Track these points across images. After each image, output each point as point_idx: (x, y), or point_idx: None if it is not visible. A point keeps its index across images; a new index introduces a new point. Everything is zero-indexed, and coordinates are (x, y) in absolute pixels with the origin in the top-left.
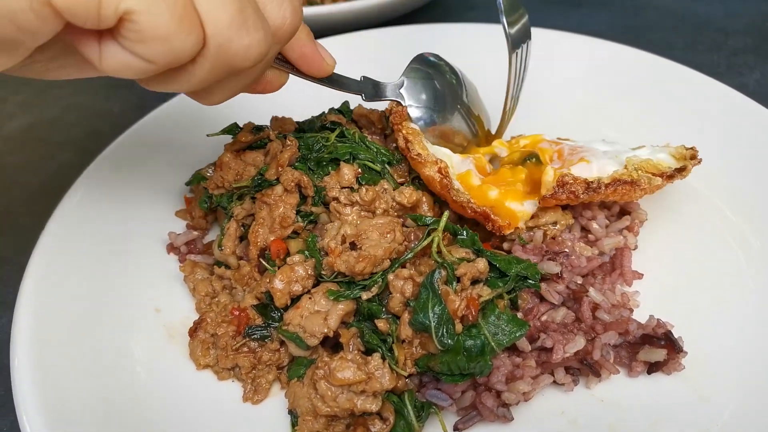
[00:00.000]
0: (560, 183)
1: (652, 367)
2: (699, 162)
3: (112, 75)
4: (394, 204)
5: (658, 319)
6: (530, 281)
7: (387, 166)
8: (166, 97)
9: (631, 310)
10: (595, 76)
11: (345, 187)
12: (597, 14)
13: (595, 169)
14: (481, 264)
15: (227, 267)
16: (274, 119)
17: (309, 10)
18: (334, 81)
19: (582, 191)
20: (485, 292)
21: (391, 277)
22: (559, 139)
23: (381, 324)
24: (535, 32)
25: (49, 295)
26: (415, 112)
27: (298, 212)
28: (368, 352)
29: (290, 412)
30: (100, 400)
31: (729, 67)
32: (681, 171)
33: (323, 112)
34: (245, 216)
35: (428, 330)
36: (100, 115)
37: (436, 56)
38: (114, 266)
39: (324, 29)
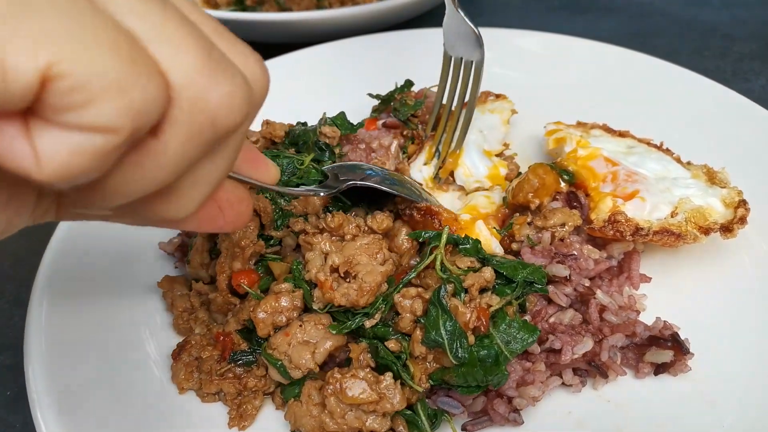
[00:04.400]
0: (612, 220)
1: (659, 369)
2: (745, 225)
3: (61, 182)
4: (366, 229)
5: (664, 321)
6: (537, 285)
7: None
8: None
9: (638, 312)
10: (601, 80)
11: (311, 215)
12: (603, 20)
13: (648, 207)
14: (488, 273)
15: (205, 282)
16: (265, 123)
17: (316, 14)
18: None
19: (629, 233)
20: (494, 301)
21: (398, 298)
22: (620, 134)
23: (392, 344)
24: (541, 36)
25: (61, 293)
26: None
27: (261, 236)
28: (379, 367)
29: None
30: (113, 396)
31: (735, 72)
32: (727, 231)
33: (319, 123)
34: None
35: (442, 346)
36: None
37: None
38: (125, 264)
39: (330, 33)
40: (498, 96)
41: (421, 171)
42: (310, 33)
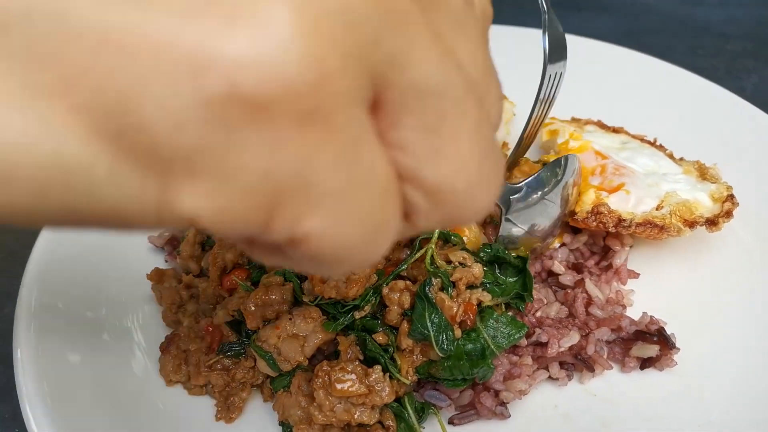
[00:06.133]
0: (594, 211)
1: (645, 363)
2: (731, 219)
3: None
4: None
5: (651, 316)
6: (525, 300)
7: None
8: None
9: (624, 307)
10: (596, 78)
11: None
12: (597, 18)
13: (633, 200)
14: (476, 269)
15: (195, 275)
16: None
17: None
18: None
19: (612, 225)
20: (486, 298)
21: (386, 290)
22: (614, 130)
23: (380, 337)
24: (535, 34)
25: (51, 285)
26: (508, 228)
27: None
28: (367, 359)
29: (281, 423)
30: (101, 387)
31: (728, 71)
32: (712, 224)
33: None
34: None
35: (428, 339)
36: None
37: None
38: (114, 256)
39: None
40: None
41: None
42: None
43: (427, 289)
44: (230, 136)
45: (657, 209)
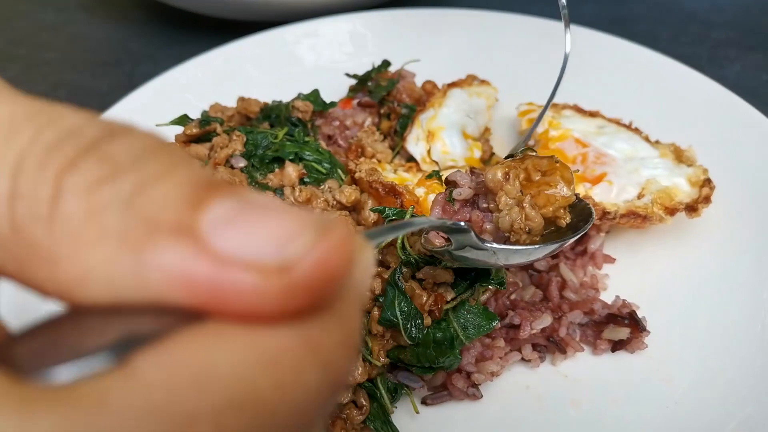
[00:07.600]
0: None
1: (616, 346)
2: (710, 204)
3: None
4: (335, 203)
5: (623, 300)
6: (492, 281)
7: (337, 168)
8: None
9: (598, 291)
10: (575, 63)
11: (285, 186)
12: (584, 5)
13: (615, 190)
14: (447, 275)
15: None
16: (240, 99)
17: None
18: None
19: (597, 217)
20: (449, 295)
21: None
22: (591, 114)
23: None
24: (521, 19)
25: None
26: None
27: None
28: None
29: None
30: None
31: (710, 59)
32: (692, 210)
33: (293, 99)
34: None
35: (396, 326)
36: (88, 93)
37: None
38: None
39: (310, 12)
40: (482, 81)
41: (417, 146)
42: (289, 12)
43: (396, 277)
44: None
45: (639, 198)
